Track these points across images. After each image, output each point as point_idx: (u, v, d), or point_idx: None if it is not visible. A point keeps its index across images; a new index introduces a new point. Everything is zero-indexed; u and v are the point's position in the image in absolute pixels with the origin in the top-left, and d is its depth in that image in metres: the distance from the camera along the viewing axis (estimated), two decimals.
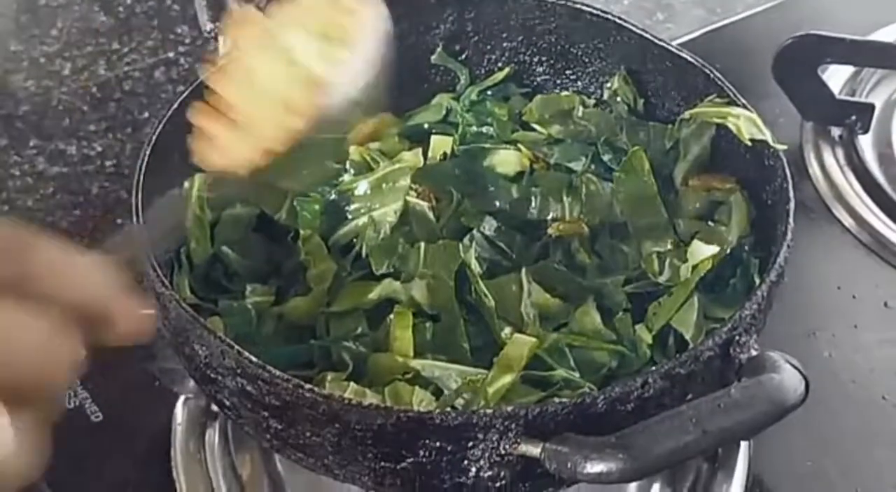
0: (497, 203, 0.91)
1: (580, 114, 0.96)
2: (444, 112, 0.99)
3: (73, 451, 0.89)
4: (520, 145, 0.95)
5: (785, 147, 0.85)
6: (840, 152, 1.10)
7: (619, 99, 0.96)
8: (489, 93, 0.99)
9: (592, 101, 0.98)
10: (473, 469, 0.70)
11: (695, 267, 0.85)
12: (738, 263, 0.85)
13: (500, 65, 1.00)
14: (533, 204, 0.92)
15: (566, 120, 0.97)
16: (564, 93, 0.99)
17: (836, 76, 1.15)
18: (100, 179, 1.16)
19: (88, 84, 1.25)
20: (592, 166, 0.94)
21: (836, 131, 1.12)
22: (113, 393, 0.92)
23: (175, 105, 0.86)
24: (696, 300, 0.83)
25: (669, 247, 0.88)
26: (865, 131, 1.10)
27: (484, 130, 0.97)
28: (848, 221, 1.06)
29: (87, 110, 1.23)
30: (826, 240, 1.05)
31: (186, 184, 0.87)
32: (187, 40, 1.30)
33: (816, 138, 1.11)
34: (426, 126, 0.98)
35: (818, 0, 1.27)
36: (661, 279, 0.87)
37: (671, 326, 0.83)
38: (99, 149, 1.18)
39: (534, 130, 0.97)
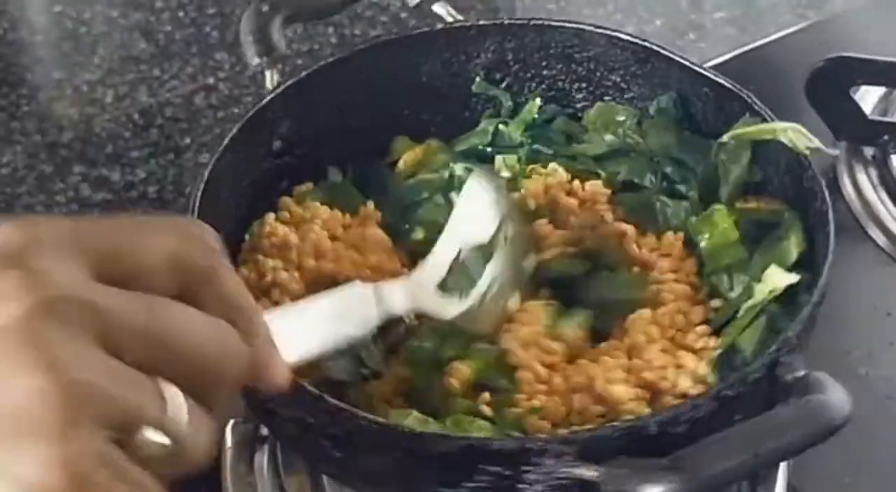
0: None
1: (630, 125, 0.98)
2: (490, 136, 1.00)
3: None
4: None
5: (837, 153, 0.86)
6: (873, 172, 1.11)
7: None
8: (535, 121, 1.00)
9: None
10: None
11: (771, 291, 0.85)
12: None
13: (539, 93, 1.01)
14: None
15: (618, 130, 0.98)
16: (621, 105, 1.00)
17: (868, 96, 1.15)
18: (143, 204, 1.18)
19: (130, 111, 1.27)
20: (664, 183, 0.95)
21: (868, 151, 1.12)
22: None
23: (224, 144, 0.88)
24: (763, 320, 0.84)
25: (746, 279, 0.88)
26: None
27: (537, 146, 0.99)
28: (882, 239, 1.07)
29: (130, 137, 1.25)
30: (860, 259, 1.06)
31: (256, 226, 0.90)
32: (226, 66, 1.32)
33: (849, 158, 1.12)
34: (480, 147, 0.99)
35: (849, 20, 1.27)
36: (732, 296, 0.87)
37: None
38: (142, 175, 1.20)
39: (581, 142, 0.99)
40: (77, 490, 0.44)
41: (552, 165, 0.96)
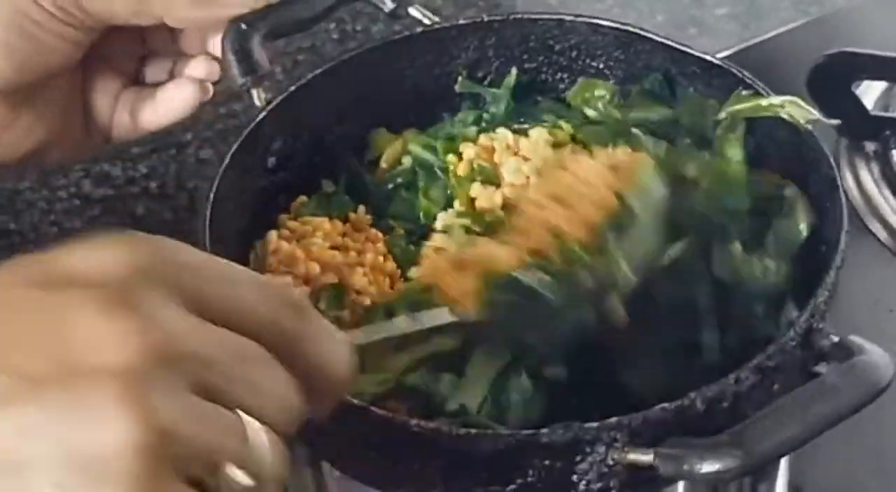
0: None
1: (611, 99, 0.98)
2: (471, 120, 1.00)
3: None
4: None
5: (838, 122, 0.92)
6: (875, 167, 1.11)
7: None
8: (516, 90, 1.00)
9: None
10: (583, 483, 0.73)
11: None
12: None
13: (519, 86, 1.01)
14: None
15: (598, 105, 0.98)
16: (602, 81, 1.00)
17: (869, 91, 1.15)
18: (145, 200, 1.18)
19: None
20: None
21: (870, 146, 1.12)
22: None
23: (223, 166, 0.88)
24: None
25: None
26: None
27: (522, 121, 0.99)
28: (883, 234, 1.07)
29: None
30: (862, 255, 1.05)
31: (259, 245, 0.90)
32: None
33: (851, 154, 1.12)
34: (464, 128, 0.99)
35: (851, 16, 1.27)
36: None
37: None
38: (144, 170, 1.20)
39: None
40: None
41: (500, 129, 0.96)
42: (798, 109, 0.88)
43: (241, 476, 0.48)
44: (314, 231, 0.91)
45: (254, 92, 0.94)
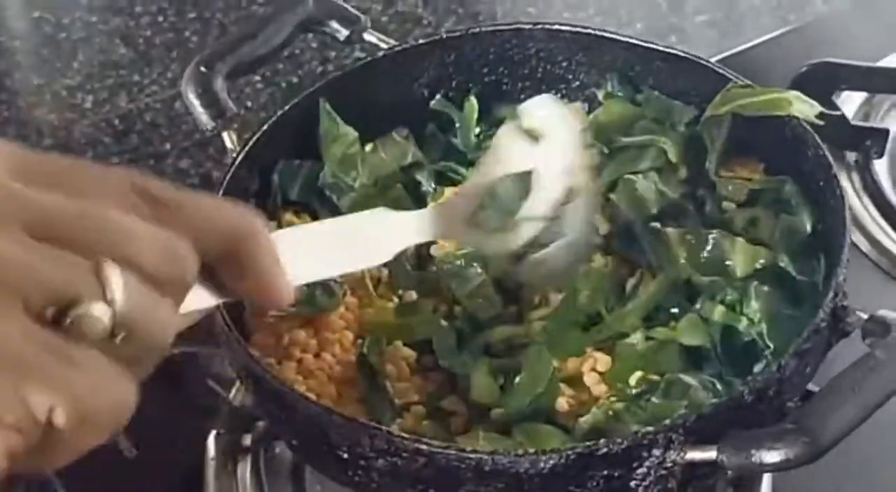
0: None
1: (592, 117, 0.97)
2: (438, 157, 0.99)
3: (107, 487, 0.90)
4: None
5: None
6: (856, 177, 1.11)
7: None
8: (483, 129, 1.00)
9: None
10: (641, 488, 0.73)
11: None
12: None
13: (481, 97, 1.01)
14: None
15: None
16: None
17: (850, 101, 1.15)
18: None
19: (110, 116, 1.26)
20: None
21: (851, 156, 1.12)
22: (146, 429, 0.93)
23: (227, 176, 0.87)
24: None
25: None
26: (880, 156, 1.11)
27: None
28: (865, 245, 1.07)
29: (110, 143, 1.24)
30: None
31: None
32: None
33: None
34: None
35: (831, 24, 1.27)
36: None
37: None
38: None
39: None
40: (6, 367, 0.43)
41: None
42: (805, 105, 0.87)
43: (96, 309, 0.45)
44: None
45: (224, 135, 0.93)
